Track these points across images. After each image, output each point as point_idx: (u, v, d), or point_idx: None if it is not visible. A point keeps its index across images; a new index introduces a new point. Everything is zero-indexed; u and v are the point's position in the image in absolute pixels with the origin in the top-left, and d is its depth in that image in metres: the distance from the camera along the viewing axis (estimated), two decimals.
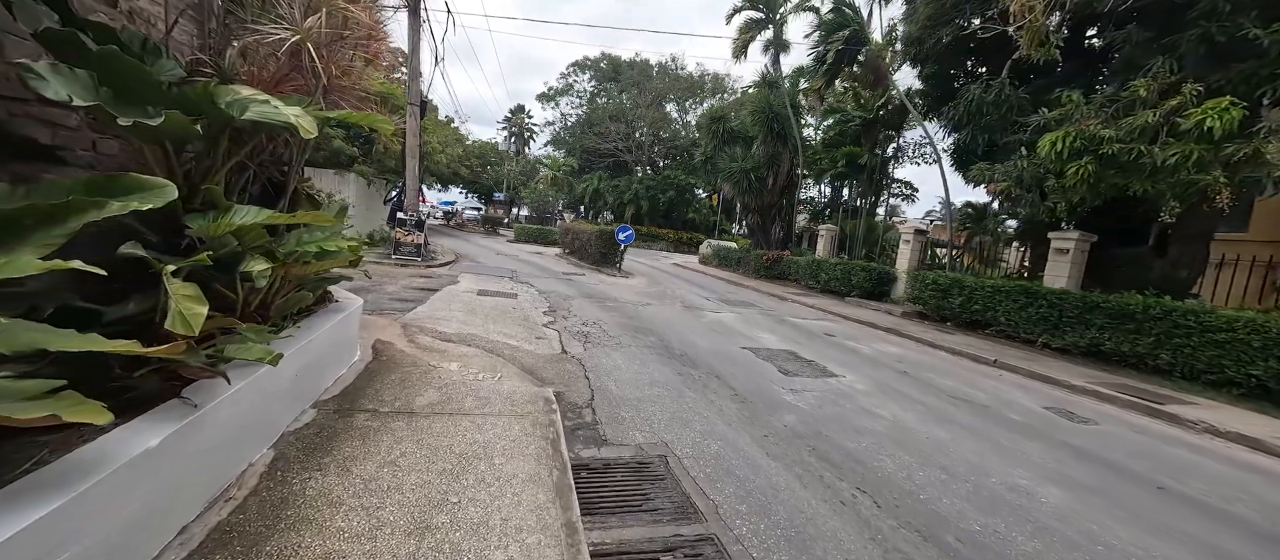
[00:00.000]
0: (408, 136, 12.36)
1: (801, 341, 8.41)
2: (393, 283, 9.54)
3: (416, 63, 12.05)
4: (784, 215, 20.12)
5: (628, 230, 15.83)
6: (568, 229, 21.75)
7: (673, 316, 9.50)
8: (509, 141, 56.20)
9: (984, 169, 9.61)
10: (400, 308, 7.37)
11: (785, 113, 17.85)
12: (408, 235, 12.46)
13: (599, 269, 16.45)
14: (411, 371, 4.49)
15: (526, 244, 27.36)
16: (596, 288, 12.42)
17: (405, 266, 11.89)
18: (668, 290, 13.57)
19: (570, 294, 10.93)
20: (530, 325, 7.38)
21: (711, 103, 47.65)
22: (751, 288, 16.36)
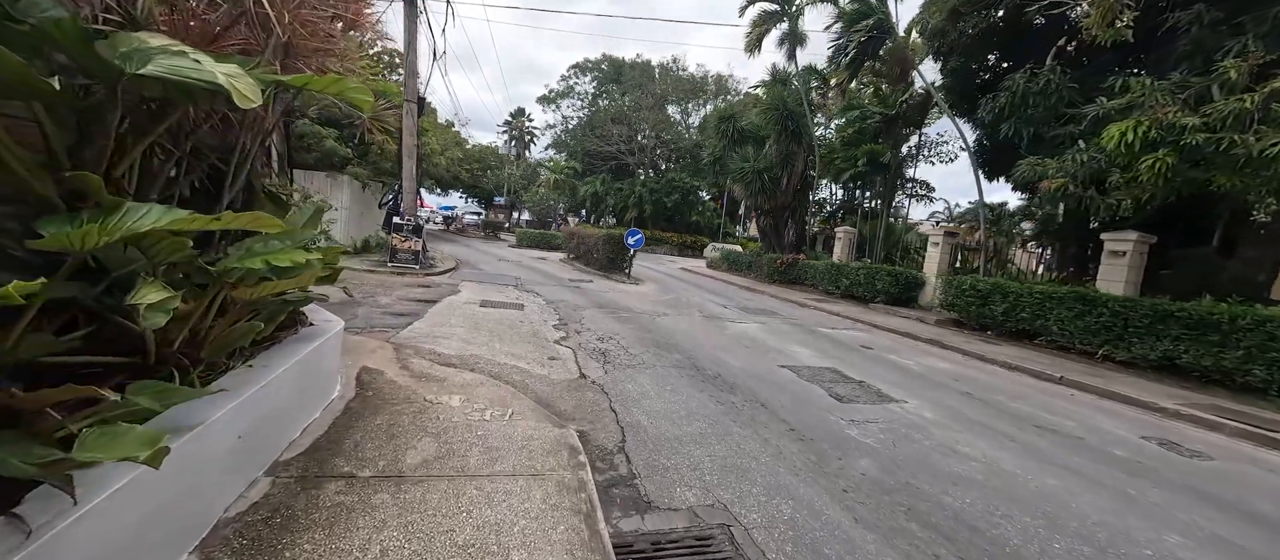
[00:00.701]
0: (404, 136, 11.56)
1: (841, 357, 7.56)
2: (387, 294, 8.70)
3: (413, 57, 11.26)
4: (797, 217, 19.30)
5: (637, 234, 15.02)
6: (572, 233, 20.93)
7: (694, 329, 8.66)
8: (509, 145, 55.52)
9: (1034, 164, 8.78)
10: (394, 324, 6.52)
11: (800, 110, 17.05)
12: (405, 241, 11.64)
13: (607, 275, 15.62)
14: (403, 411, 3.65)
15: (529, 249, 26.55)
16: (607, 296, 11.58)
17: (402, 275, 11.05)
18: (682, 298, 12.73)
19: (580, 304, 10.09)
20: (541, 342, 6.54)
21: (714, 104, 47.04)
22: (768, 294, 15.53)
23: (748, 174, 18.01)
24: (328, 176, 12.41)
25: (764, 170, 17.81)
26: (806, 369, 6.54)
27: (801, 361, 6.94)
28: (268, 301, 2.94)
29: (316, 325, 3.75)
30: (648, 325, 8.49)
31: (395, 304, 7.90)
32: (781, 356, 7.14)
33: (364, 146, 14.00)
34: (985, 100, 10.64)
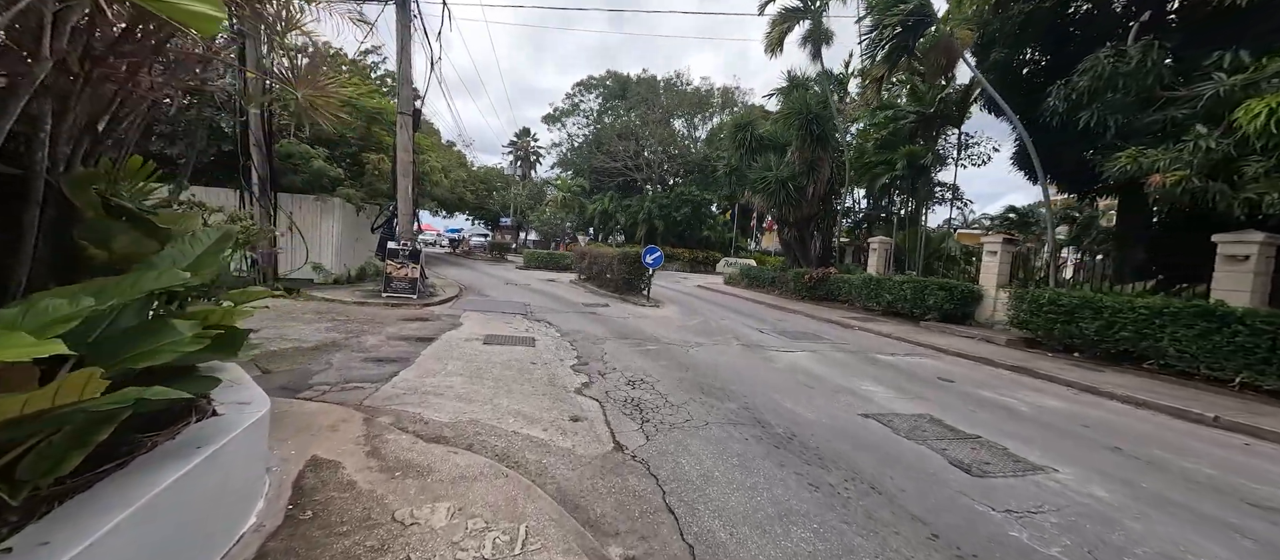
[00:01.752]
0: (398, 152, 10.44)
1: (928, 397, 6.14)
2: (376, 331, 7.43)
3: (406, 66, 10.19)
4: (824, 228, 17.96)
5: (655, 252, 13.75)
6: (583, 253, 19.71)
7: (737, 362, 7.28)
8: (515, 166, 54.93)
9: (1135, 156, 7.41)
10: (374, 376, 5.22)
11: (825, 113, 15.85)
12: (400, 268, 10.43)
13: (624, 298, 14.31)
14: (356, 548, 2.32)
15: (537, 271, 25.36)
16: (628, 323, 10.25)
17: (397, 306, 9.81)
18: (711, 322, 11.36)
19: (599, 334, 8.76)
20: (558, 392, 5.20)
21: (721, 117, 46.19)
22: (800, 312, 14.12)
23: (770, 183, 16.74)
24: (317, 200, 11.32)
25: (788, 179, 16.54)
26: (897, 417, 5.13)
27: (886, 406, 5.53)
28: (87, 413, 1.64)
29: (224, 418, 2.44)
30: (682, 360, 7.13)
31: (382, 345, 6.61)
32: (857, 400, 5.74)
33: (358, 167, 12.93)
34: (1055, 87, 9.31)
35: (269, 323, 7.27)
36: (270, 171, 9.96)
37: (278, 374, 5.09)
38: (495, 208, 43.23)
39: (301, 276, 11.45)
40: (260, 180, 9.76)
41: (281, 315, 7.97)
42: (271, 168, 9.97)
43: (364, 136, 13.38)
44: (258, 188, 9.76)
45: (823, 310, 14.78)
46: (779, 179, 16.49)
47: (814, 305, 15.80)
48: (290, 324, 7.31)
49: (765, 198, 17.41)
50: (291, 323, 7.41)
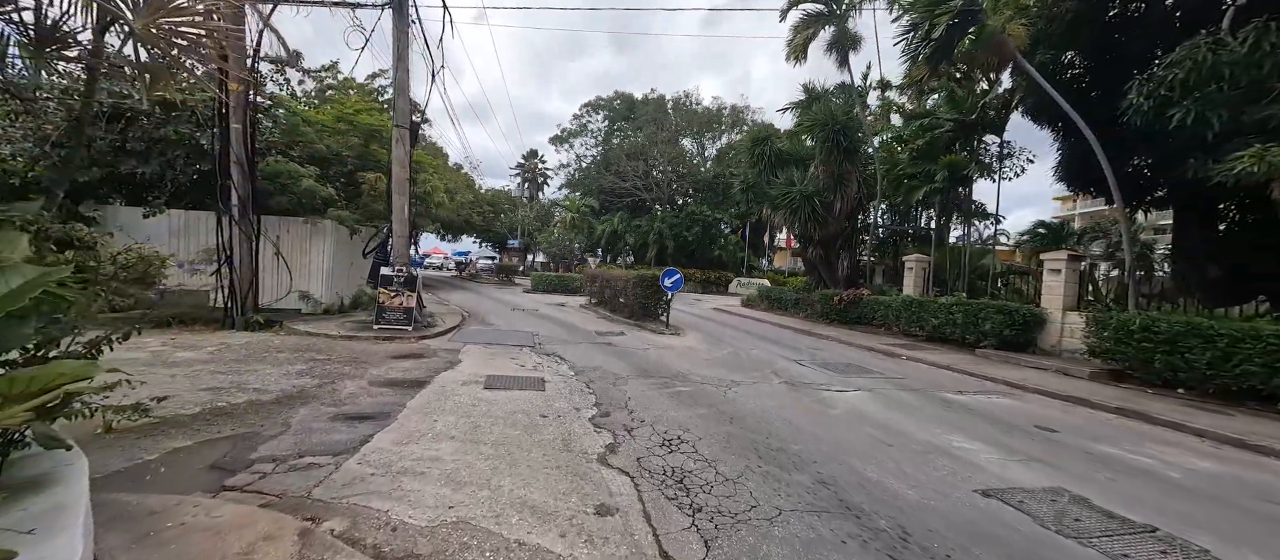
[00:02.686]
0: (394, 168, 9.47)
1: (1040, 457, 4.85)
2: (357, 375, 6.28)
3: (403, 74, 9.29)
4: (851, 246, 16.75)
5: (675, 274, 12.60)
6: (594, 275, 18.62)
7: (788, 408, 6.04)
8: (522, 188, 54.51)
9: (1258, 154, 6.21)
10: (339, 446, 4.05)
11: (853, 123, 14.82)
12: (394, 297, 9.35)
13: (640, 324, 13.11)
14: None
15: (545, 294, 24.28)
16: (649, 356, 9.04)
17: (389, 340, 8.70)
18: (741, 352, 10.13)
19: (618, 371, 7.56)
20: (577, 462, 4.00)
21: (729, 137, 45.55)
22: (834, 338, 12.83)
23: (794, 199, 15.63)
24: (306, 222, 10.34)
25: (813, 194, 15.43)
26: (1026, 495, 3.86)
27: (1001, 476, 4.25)
28: None
29: None
30: (723, 406, 5.90)
31: (360, 395, 5.45)
32: (958, 464, 4.47)
33: (354, 187, 12.00)
34: (1136, 83, 8.18)
35: (230, 367, 6.16)
36: (252, 191, 9.00)
37: (216, 443, 3.94)
38: (502, 230, 42.54)
39: (288, 306, 10.41)
40: (241, 201, 8.79)
41: (250, 355, 6.87)
42: (253, 187, 9.01)
43: (361, 155, 12.50)
44: (237, 209, 8.78)
45: (857, 335, 13.49)
46: (803, 195, 15.38)
47: (846, 330, 14.50)
48: (255, 368, 6.19)
49: (787, 215, 16.28)
50: (257, 366, 6.29)
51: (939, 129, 13.41)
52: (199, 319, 8.89)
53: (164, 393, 4.79)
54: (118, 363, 5.74)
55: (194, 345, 7.29)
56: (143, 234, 9.73)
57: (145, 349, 6.88)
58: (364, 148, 12.48)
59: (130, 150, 8.78)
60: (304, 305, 10.46)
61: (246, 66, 8.72)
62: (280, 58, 10.55)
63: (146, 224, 9.67)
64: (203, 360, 6.42)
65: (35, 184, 8.68)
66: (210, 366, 6.08)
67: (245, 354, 6.96)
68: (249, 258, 9.00)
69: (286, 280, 10.25)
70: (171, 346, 7.11)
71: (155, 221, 9.71)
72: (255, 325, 8.81)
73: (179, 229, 9.98)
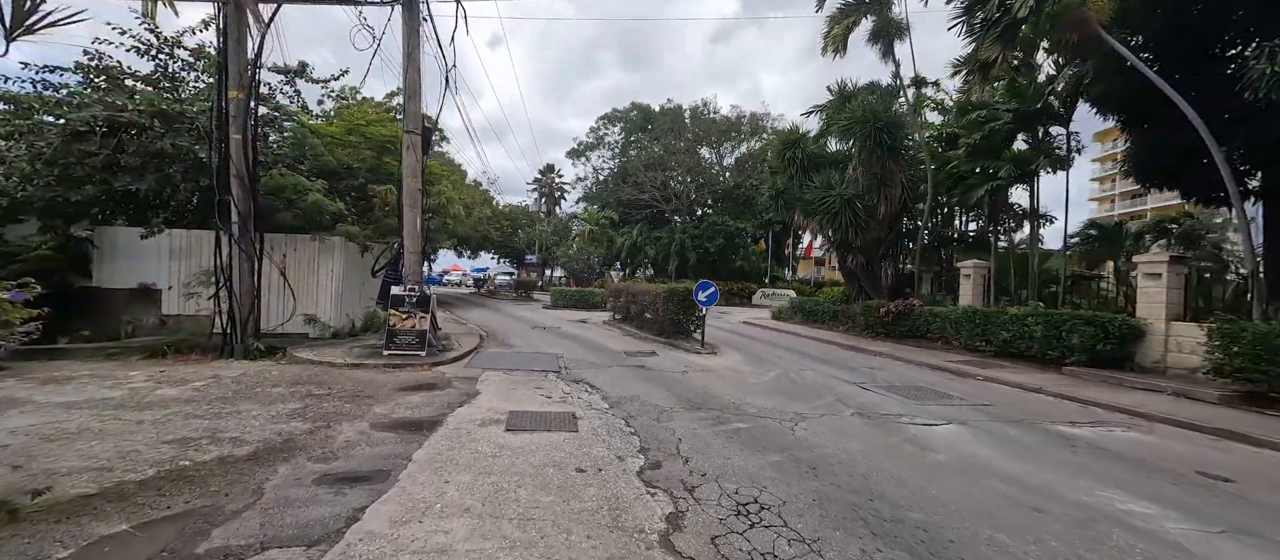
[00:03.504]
0: (404, 178, 8.67)
1: (1246, 528, 3.62)
2: (357, 416, 5.34)
3: (414, 75, 8.53)
4: (895, 253, 15.46)
5: (709, 287, 11.52)
6: (618, 290, 17.65)
7: (877, 451, 4.89)
8: (539, 203, 54.18)
9: None
10: (319, 529, 3.05)
11: (897, 119, 13.65)
12: (406, 318, 8.47)
13: (672, 343, 12.03)
14: None
15: (565, 310, 23.37)
16: (689, 381, 7.96)
17: (399, 368, 7.79)
18: (791, 373, 8.97)
19: (660, 402, 6.49)
20: (631, 546, 2.94)
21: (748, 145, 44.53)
22: (887, 354, 11.55)
23: (832, 204, 14.45)
24: (313, 240, 9.60)
25: (853, 198, 14.24)
26: None
27: None
28: None
29: None
30: (797, 450, 4.78)
31: (356, 444, 4.48)
32: (1151, 544, 3.28)
33: (366, 202, 11.27)
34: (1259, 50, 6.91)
35: (212, 408, 5.28)
36: (254, 207, 8.28)
37: (158, 527, 2.99)
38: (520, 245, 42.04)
39: (295, 331, 9.64)
40: (241, 217, 8.06)
41: (240, 392, 6.00)
42: (255, 202, 8.29)
43: (373, 168, 11.81)
44: (237, 227, 8.05)
45: (910, 350, 12.17)
46: (843, 198, 14.20)
47: (896, 345, 13.18)
48: (240, 409, 5.30)
49: (824, 221, 15.09)
50: (243, 406, 5.40)
51: (999, 120, 12.13)
52: (196, 347, 8.13)
53: (118, 451, 3.90)
54: (86, 406, 4.91)
55: (181, 380, 6.47)
56: (140, 256, 9.10)
57: (126, 385, 6.08)
58: (376, 160, 11.79)
59: (125, 166, 8.15)
60: (311, 329, 9.67)
61: (247, 71, 8.04)
62: (289, 68, 9.94)
63: (144, 245, 9.03)
64: (184, 399, 5.56)
65: (26, 204, 8.10)
66: (188, 408, 5.21)
67: (235, 389, 6.09)
68: (250, 279, 8.24)
69: (292, 303, 9.49)
70: (155, 382, 6.30)
71: (153, 242, 9.06)
72: (255, 353, 8.01)
73: (180, 250, 9.32)
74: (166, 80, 9.35)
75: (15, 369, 6.79)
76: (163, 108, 8.23)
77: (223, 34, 7.90)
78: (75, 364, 7.27)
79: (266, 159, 9.48)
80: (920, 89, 17.99)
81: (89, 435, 4.28)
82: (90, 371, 6.77)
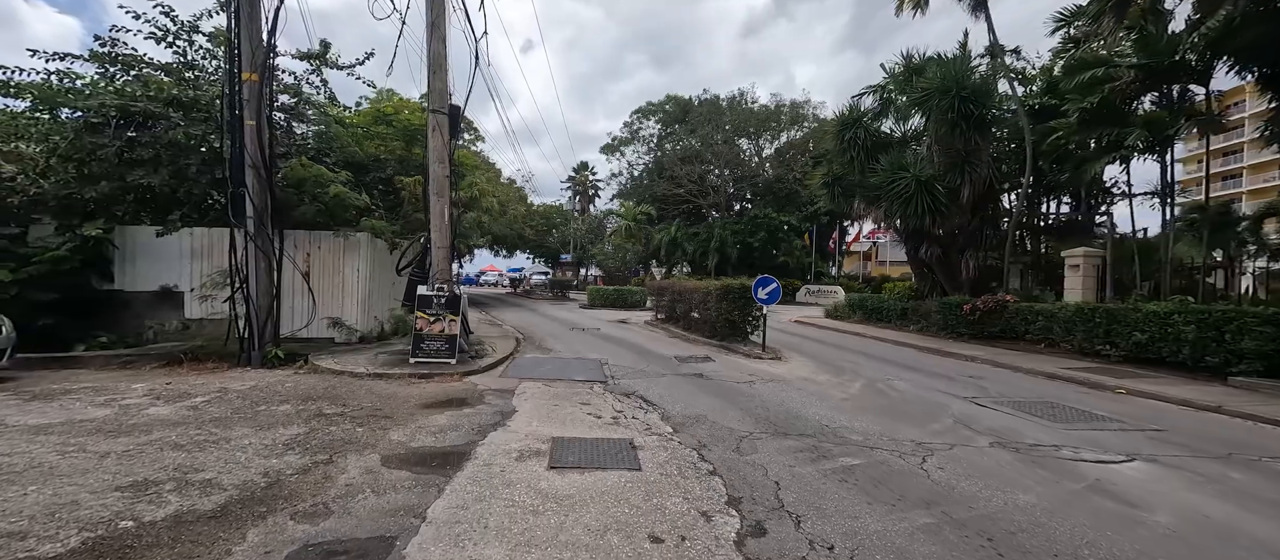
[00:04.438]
0: (431, 163, 7.73)
1: None
2: (369, 445, 4.32)
3: (438, 46, 7.57)
4: (981, 243, 13.57)
5: (771, 282, 10.12)
6: (662, 287, 16.44)
7: (1060, 507, 3.47)
8: (573, 200, 53.61)
9: None
10: None
11: (985, 87, 11.84)
12: (433, 322, 7.52)
13: (727, 346, 10.71)
14: None
15: (604, 310, 22.37)
16: (761, 394, 6.65)
17: (426, 379, 6.82)
18: (879, 384, 7.52)
19: (735, 425, 5.22)
20: None
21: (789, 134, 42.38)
22: (985, 360, 9.85)
23: (906, 188, 12.74)
24: (337, 236, 8.84)
25: (932, 179, 12.49)
26: None
27: None
28: None
29: None
30: (949, 505, 3.42)
31: (359, 490, 3.42)
32: None
33: (394, 195, 10.48)
34: None
35: (201, 432, 4.38)
36: (271, 201, 7.52)
37: None
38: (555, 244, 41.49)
39: (319, 335, 8.90)
40: (256, 212, 7.30)
41: (241, 409, 5.12)
42: (272, 195, 7.53)
43: (402, 159, 11.03)
44: (253, 222, 7.29)
45: (1007, 354, 10.41)
46: (919, 180, 12.47)
47: (986, 347, 11.40)
48: (231, 433, 4.39)
49: (895, 207, 13.38)
50: (237, 430, 4.49)
51: (1116, 81, 10.10)
52: (214, 354, 7.44)
53: (53, 502, 2.98)
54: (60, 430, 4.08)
55: (183, 394, 5.69)
56: (160, 256, 8.55)
57: (120, 401, 5.32)
58: (405, 151, 11.00)
59: (138, 158, 7.54)
60: (337, 334, 8.91)
61: (261, 47, 7.27)
62: (311, 52, 9.22)
63: (164, 245, 8.48)
64: (173, 422, 4.71)
65: (40, 202, 7.61)
66: (173, 435, 4.34)
67: (237, 407, 5.23)
68: (267, 280, 7.49)
69: (320, 305, 8.75)
70: (152, 397, 5.53)
71: (174, 241, 8.50)
72: (274, 361, 7.25)
73: (201, 249, 8.73)
74: (187, 69, 8.76)
75: (20, 380, 6.21)
76: (175, 94, 7.60)
77: (234, 12, 7.14)
78: (84, 374, 6.66)
79: (286, 149, 8.77)
80: (997, 58, 15.92)
81: (34, 475, 3.41)
82: (93, 383, 6.11)
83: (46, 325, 7.53)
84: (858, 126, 15.33)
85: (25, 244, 7.59)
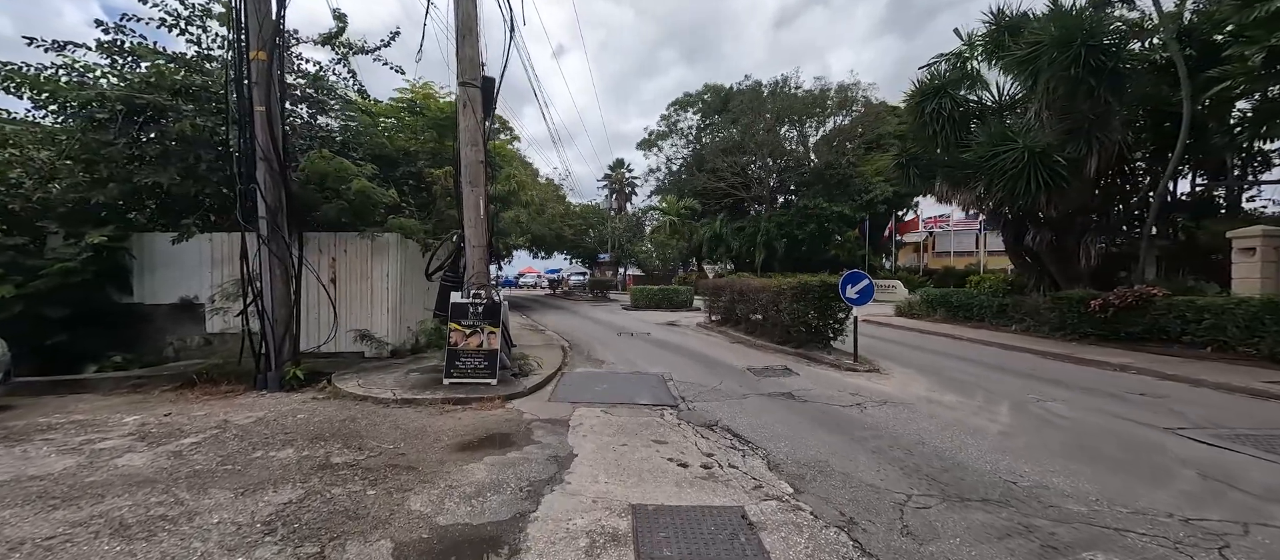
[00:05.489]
0: (462, 147, 6.56)
1: None
2: (376, 523, 3.07)
3: (469, 6, 6.37)
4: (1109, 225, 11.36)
5: (862, 279, 8.44)
6: (717, 287, 14.93)
7: None
8: (609, 199, 52.53)
9: None
10: None
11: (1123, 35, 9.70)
12: (470, 334, 6.34)
13: (806, 355, 9.11)
14: None
15: (649, 311, 21.04)
16: (883, 423, 5.08)
17: (461, 406, 5.63)
18: (1030, 406, 5.78)
19: (879, 480, 3.71)
20: None
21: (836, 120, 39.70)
22: (1140, 368, 7.86)
23: (1014, 161, 10.71)
24: (364, 237, 7.85)
25: (1047, 149, 10.42)
26: None
27: None
28: None
29: None
30: None
31: None
32: None
33: (427, 193, 9.45)
34: None
35: (164, 497, 3.27)
36: (286, 198, 6.54)
37: None
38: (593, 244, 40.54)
39: (346, 350, 7.95)
40: (270, 212, 6.33)
41: (231, 458, 4.03)
42: (287, 192, 6.55)
43: (434, 152, 10.01)
44: (267, 224, 6.32)
45: (1162, 360, 8.35)
46: (1033, 151, 10.42)
47: (1129, 351, 9.31)
48: (203, 501, 3.26)
49: (998, 185, 11.33)
50: (211, 494, 3.36)
51: None
52: (229, 374, 6.54)
53: None
54: None
55: (175, 431, 4.69)
56: (178, 265, 7.77)
57: (98, 443, 4.36)
58: (438, 143, 9.98)
59: (146, 156, 6.73)
60: (366, 348, 7.93)
61: (272, 24, 6.28)
62: (332, 35, 8.28)
63: (183, 254, 7.72)
64: (144, 477, 3.66)
65: (43, 209, 6.92)
66: (131, 501, 3.26)
67: (229, 452, 4.16)
68: (284, 289, 6.51)
69: (345, 315, 7.79)
70: (137, 435, 4.54)
71: (193, 248, 7.72)
72: (293, 383, 6.27)
73: (222, 257, 7.93)
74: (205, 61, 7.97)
75: (12, 409, 5.44)
76: (180, 80, 6.77)
77: None
78: (85, 401, 5.86)
79: (307, 143, 7.85)
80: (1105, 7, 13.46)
81: None
82: (86, 415, 5.25)
83: (59, 343, 6.86)
84: (942, 95, 13.28)
85: (37, 255, 6.94)
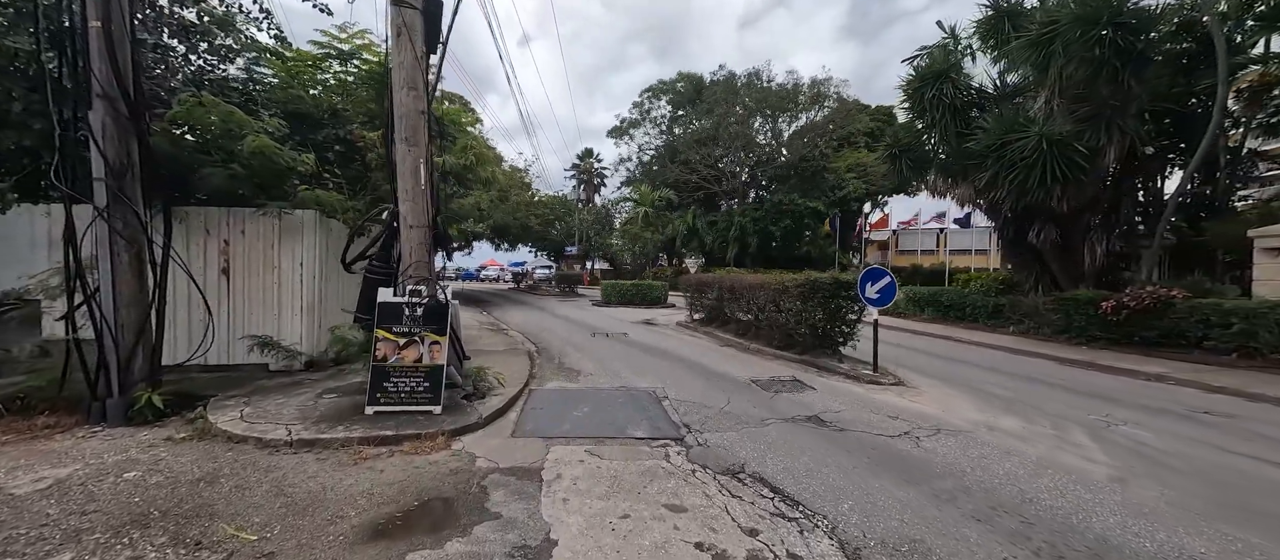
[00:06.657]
0: (396, 90, 4.85)
1: None
2: None
3: None
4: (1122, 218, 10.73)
5: (883, 276, 7.26)
6: (704, 282, 13.63)
7: None
8: (577, 189, 50.52)
9: None
10: None
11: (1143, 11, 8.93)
12: (404, 343, 4.68)
13: (814, 362, 7.88)
14: None
15: (621, 308, 19.57)
16: (952, 462, 3.81)
17: (389, 449, 3.98)
18: (1104, 432, 4.69)
19: None
20: None
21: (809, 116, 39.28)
22: (1177, 378, 7.07)
23: (1025, 150, 9.86)
24: (268, 214, 6.00)
25: (1063, 139, 9.60)
26: None
27: None
28: None
29: None
30: None
31: None
32: None
33: (359, 160, 7.60)
34: None
35: None
36: (141, 155, 4.66)
37: None
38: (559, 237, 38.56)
39: (249, 361, 6.09)
40: (112, 174, 4.45)
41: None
42: (143, 146, 4.67)
43: (373, 115, 8.14)
44: (110, 189, 4.45)
45: (1193, 369, 7.63)
46: (1049, 139, 9.57)
47: (1148, 357, 8.63)
48: None
49: (1006, 176, 10.49)
50: None
51: None
52: (54, 401, 4.62)
53: None
54: None
55: None
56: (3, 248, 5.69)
57: None
58: (376, 105, 8.11)
59: None
60: (271, 359, 6.08)
61: None
62: None
63: (7, 232, 5.63)
64: None
65: None
66: None
67: None
68: (134, 281, 4.65)
69: (243, 316, 5.93)
70: None
71: (18, 225, 5.66)
72: (146, 413, 4.44)
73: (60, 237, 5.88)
74: None
75: None
76: None
77: None
78: None
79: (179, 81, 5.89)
80: None
81: None
82: None
83: None
84: (944, 80, 12.38)
85: None
